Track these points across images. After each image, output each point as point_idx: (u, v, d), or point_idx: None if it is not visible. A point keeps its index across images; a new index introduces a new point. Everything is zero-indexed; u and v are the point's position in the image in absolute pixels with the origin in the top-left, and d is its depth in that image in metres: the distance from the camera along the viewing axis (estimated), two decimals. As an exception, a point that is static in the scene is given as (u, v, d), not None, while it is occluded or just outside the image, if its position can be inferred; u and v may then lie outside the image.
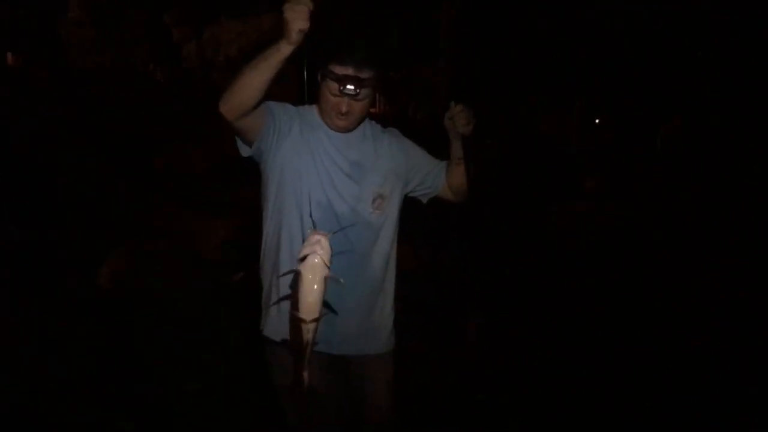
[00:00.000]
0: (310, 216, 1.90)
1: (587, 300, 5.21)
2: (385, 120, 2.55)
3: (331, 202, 2.08)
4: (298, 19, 1.74)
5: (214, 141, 8.27)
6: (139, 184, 7.16)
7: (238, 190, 6.52)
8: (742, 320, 4.80)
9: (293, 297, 1.64)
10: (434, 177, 2.35)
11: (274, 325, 2.09)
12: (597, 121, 15.52)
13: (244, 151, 2.09)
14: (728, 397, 3.58)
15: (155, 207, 6.49)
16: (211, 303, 4.42)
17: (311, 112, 2.15)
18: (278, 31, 1.80)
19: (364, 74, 2.00)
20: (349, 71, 1.98)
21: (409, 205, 2.35)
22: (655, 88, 13.18)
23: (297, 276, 1.61)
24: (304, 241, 1.70)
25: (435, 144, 2.41)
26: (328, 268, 1.61)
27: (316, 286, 1.60)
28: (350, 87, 1.98)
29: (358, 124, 2.15)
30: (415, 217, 2.40)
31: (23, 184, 5.67)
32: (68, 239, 4.99)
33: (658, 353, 4.26)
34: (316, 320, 1.63)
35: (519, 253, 6.18)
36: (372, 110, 2.22)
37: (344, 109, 2.04)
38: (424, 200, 2.42)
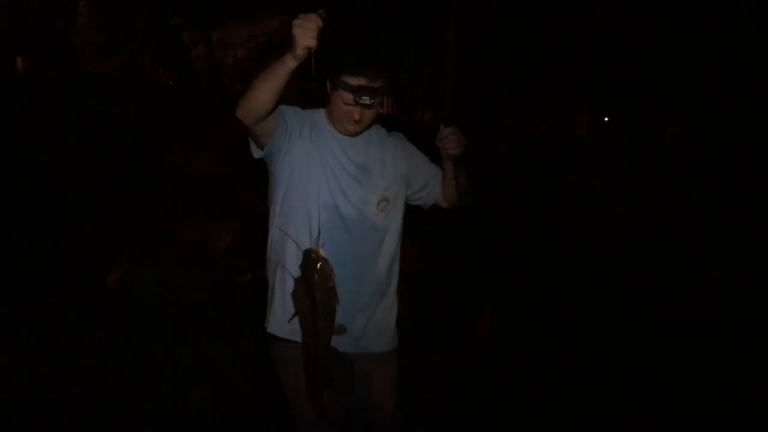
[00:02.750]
0: (318, 227, 1.93)
1: (591, 300, 5.22)
2: (393, 121, 2.57)
3: (338, 204, 2.11)
4: (306, 37, 1.75)
5: (222, 145, 8.31)
6: (147, 188, 7.19)
7: (246, 194, 6.56)
8: (748, 320, 4.79)
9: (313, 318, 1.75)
10: (432, 187, 2.37)
11: (278, 322, 2.12)
12: (606, 119, 15.39)
13: (256, 153, 2.13)
14: (731, 398, 3.60)
15: (163, 211, 6.52)
16: (219, 306, 4.43)
17: (319, 115, 2.19)
18: (286, 43, 1.81)
19: (377, 83, 2.02)
20: (363, 81, 2.00)
21: (414, 206, 2.38)
22: (665, 89, 13.12)
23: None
24: (311, 240, 1.83)
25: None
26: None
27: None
28: (366, 98, 2.01)
29: (367, 128, 2.18)
30: (419, 217, 2.43)
31: (31, 188, 5.70)
32: (76, 243, 5.01)
33: (661, 354, 4.27)
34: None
35: (525, 254, 6.18)
36: (381, 110, 2.24)
37: (357, 117, 2.06)
38: (425, 207, 2.44)
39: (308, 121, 2.15)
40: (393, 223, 2.24)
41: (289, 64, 1.82)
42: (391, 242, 2.23)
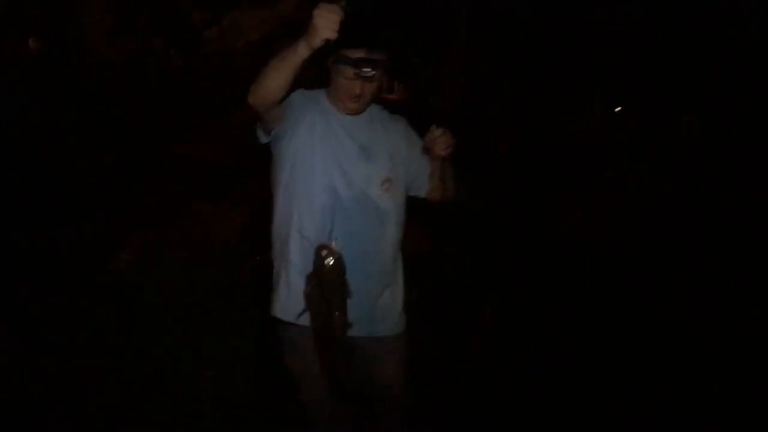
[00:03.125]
0: (331, 225, 1.95)
1: (591, 300, 5.20)
2: (404, 106, 2.59)
3: (341, 185, 2.11)
4: (327, 29, 1.74)
5: (232, 131, 8.30)
6: (156, 174, 7.21)
7: (254, 180, 6.56)
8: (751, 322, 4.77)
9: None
10: (424, 180, 2.38)
11: (283, 306, 2.16)
12: (618, 109, 15.24)
13: (263, 138, 2.16)
14: (731, 398, 3.63)
15: (172, 196, 6.53)
16: (221, 302, 4.46)
17: (321, 95, 2.21)
18: (299, 28, 1.83)
19: (378, 55, 2.03)
20: (363, 53, 2.02)
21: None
22: (673, 82, 12.96)
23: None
24: (315, 224, 1.98)
25: (457, 131, 2.41)
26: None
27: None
28: (367, 69, 2.02)
29: (368, 106, 2.19)
30: (420, 207, 2.45)
31: (30, 183, 5.73)
32: (77, 238, 5.04)
33: (662, 354, 4.28)
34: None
35: (526, 252, 6.16)
36: (391, 96, 2.28)
37: (358, 91, 2.08)
38: (420, 196, 2.45)
39: (312, 102, 2.17)
40: (397, 205, 2.27)
41: (303, 52, 1.81)
42: (395, 224, 2.26)
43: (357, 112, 2.18)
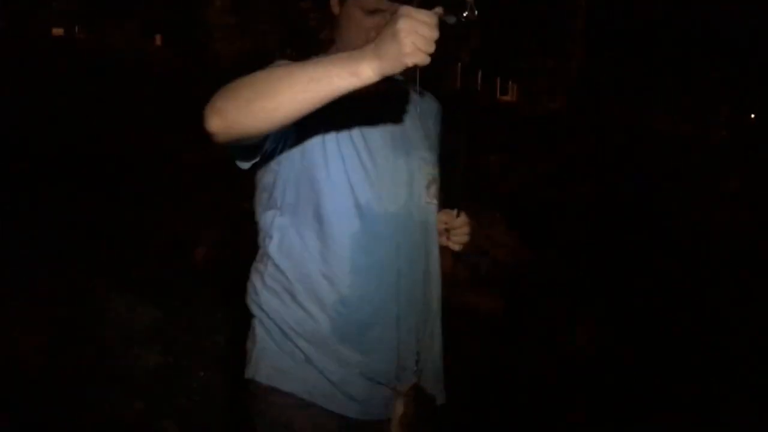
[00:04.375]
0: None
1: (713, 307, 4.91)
2: (516, 110, 2.32)
3: (370, 197, 1.42)
4: (420, 49, 1.04)
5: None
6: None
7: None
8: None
9: None
10: None
11: (269, 366, 1.48)
12: (753, 116, 14.39)
13: (244, 164, 1.40)
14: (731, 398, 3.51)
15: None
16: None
17: None
18: (370, 43, 1.12)
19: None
20: None
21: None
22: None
23: None
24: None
25: (570, 135, 2.14)
26: None
27: None
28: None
29: None
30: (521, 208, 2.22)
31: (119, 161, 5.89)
32: (163, 219, 5.14)
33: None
34: None
35: (647, 256, 5.75)
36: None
37: (374, 35, 1.18)
38: None
39: None
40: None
41: (367, 77, 1.10)
42: (437, 243, 1.58)
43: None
